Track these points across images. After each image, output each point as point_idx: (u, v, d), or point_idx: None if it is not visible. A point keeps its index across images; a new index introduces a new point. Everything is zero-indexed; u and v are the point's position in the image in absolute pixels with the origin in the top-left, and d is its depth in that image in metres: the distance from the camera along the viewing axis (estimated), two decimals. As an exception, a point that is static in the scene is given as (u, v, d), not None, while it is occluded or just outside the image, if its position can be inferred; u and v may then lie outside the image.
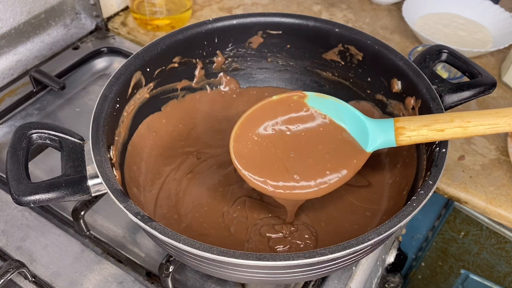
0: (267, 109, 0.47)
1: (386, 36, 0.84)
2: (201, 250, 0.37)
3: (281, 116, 0.47)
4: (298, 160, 0.47)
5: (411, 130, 0.43)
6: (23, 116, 0.69)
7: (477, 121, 0.40)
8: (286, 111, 0.47)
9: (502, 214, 0.61)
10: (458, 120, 0.41)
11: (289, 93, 0.47)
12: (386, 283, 0.66)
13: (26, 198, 0.40)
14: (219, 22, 0.59)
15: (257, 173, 0.47)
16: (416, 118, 0.43)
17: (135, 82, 0.54)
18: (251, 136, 0.48)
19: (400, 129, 0.43)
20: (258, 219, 0.52)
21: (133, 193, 0.51)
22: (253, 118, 0.47)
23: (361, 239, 0.38)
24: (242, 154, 0.47)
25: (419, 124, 0.42)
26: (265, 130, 0.48)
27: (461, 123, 0.41)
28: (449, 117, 0.41)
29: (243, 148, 0.47)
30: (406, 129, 0.43)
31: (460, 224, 0.71)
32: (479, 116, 0.41)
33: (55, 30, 0.80)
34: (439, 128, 0.42)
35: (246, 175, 0.47)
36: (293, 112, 0.46)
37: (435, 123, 0.42)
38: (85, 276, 0.52)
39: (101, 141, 0.45)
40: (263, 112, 0.47)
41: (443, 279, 0.81)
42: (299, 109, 0.46)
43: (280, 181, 0.47)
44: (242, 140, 0.47)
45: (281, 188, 0.47)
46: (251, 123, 0.48)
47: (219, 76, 0.64)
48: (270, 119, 0.47)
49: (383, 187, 0.55)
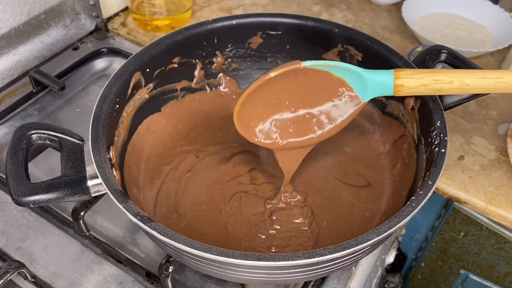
0: (267, 85, 0.46)
1: (385, 36, 0.84)
2: (200, 250, 0.37)
3: (282, 85, 0.47)
4: (299, 113, 0.48)
5: (410, 87, 0.43)
6: (23, 116, 0.69)
7: (476, 85, 0.41)
8: (286, 80, 0.46)
9: (501, 214, 0.61)
10: (457, 83, 0.41)
11: (285, 66, 0.45)
12: (385, 283, 0.66)
13: (25, 198, 0.40)
14: (218, 23, 0.59)
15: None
16: (416, 76, 0.42)
17: (134, 82, 0.54)
18: (255, 108, 0.48)
19: (399, 86, 0.43)
20: (252, 215, 0.52)
21: (132, 194, 0.51)
22: (253, 96, 0.47)
23: (360, 239, 0.38)
24: (245, 119, 0.48)
25: (418, 84, 0.42)
26: (268, 102, 0.48)
27: (459, 85, 0.41)
28: (449, 78, 0.41)
29: (248, 119, 0.48)
30: (405, 86, 0.43)
31: (460, 224, 0.71)
32: (479, 80, 0.41)
33: (55, 30, 0.80)
34: (438, 89, 0.42)
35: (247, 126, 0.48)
36: (292, 77, 0.46)
37: (435, 84, 0.42)
38: (84, 276, 0.52)
39: (101, 142, 0.45)
40: (263, 89, 0.46)
41: (443, 279, 0.81)
42: (298, 74, 0.46)
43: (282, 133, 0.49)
44: (246, 112, 0.48)
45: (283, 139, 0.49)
46: (252, 101, 0.47)
47: (219, 76, 0.64)
48: (272, 93, 0.47)
49: (382, 187, 0.56)
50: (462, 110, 0.71)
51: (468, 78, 0.41)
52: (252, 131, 0.49)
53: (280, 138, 0.49)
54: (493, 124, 0.70)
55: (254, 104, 0.47)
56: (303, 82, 0.46)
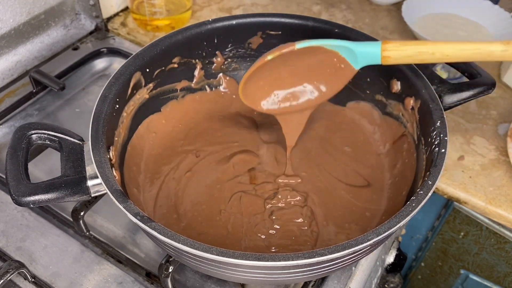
0: (265, 66, 0.51)
1: (385, 36, 0.84)
2: (200, 250, 0.37)
3: (280, 64, 0.51)
4: (298, 84, 0.53)
5: (396, 58, 0.47)
6: (23, 116, 0.69)
7: (455, 55, 0.45)
8: (283, 59, 0.51)
9: (501, 214, 0.61)
10: (439, 54, 0.45)
11: (281, 49, 0.50)
12: (385, 283, 0.66)
13: (25, 198, 0.40)
14: (218, 23, 0.59)
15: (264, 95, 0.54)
16: (402, 48, 0.46)
17: (134, 82, 0.54)
18: (257, 85, 0.53)
19: (386, 57, 0.47)
20: (252, 215, 0.52)
21: (132, 194, 0.51)
22: (254, 76, 0.51)
23: (360, 239, 0.38)
24: (249, 94, 0.53)
25: (404, 55, 0.47)
26: (268, 78, 0.52)
27: (441, 56, 0.45)
28: (431, 50, 0.45)
29: (251, 94, 0.53)
30: (392, 58, 0.47)
31: (460, 224, 0.71)
32: (458, 51, 0.45)
33: (54, 30, 0.80)
34: (421, 59, 0.46)
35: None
36: (288, 57, 0.50)
37: (418, 55, 0.46)
38: (84, 276, 0.52)
39: (101, 142, 0.45)
40: (263, 69, 0.51)
41: (443, 279, 0.81)
42: (293, 53, 0.50)
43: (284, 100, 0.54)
44: (250, 88, 0.52)
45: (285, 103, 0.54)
46: (253, 80, 0.52)
47: (219, 76, 0.64)
48: (272, 71, 0.52)
49: (382, 187, 0.56)
50: (462, 110, 0.71)
51: (448, 49, 0.45)
52: (257, 102, 0.54)
53: (282, 104, 0.54)
54: (493, 124, 0.70)
55: (256, 81, 0.52)
56: (299, 58, 0.51)
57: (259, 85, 0.53)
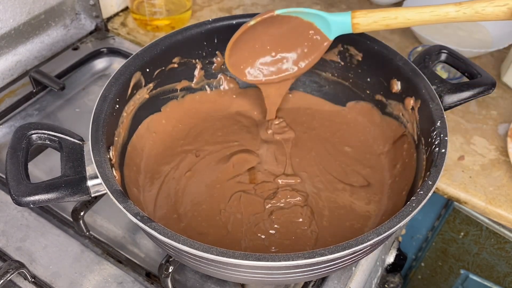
0: (249, 32, 0.55)
1: (385, 36, 0.84)
2: (200, 250, 0.37)
3: (262, 32, 0.55)
4: (278, 55, 0.58)
5: (364, 25, 0.51)
6: (23, 116, 0.69)
7: (415, 19, 0.48)
8: (265, 26, 0.55)
9: (501, 214, 0.61)
10: (401, 18, 0.49)
11: (262, 15, 0.53)
12: (386, 283, 0.66)
13: (25, 198, 0.40)
14: (218, 23, 0.59)
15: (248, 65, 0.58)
16: (369, 15, 0.50)
17: (134, 82, 0.54)
18: (242, 54, 0.57)
19: (356, 24, 0.51)
20: (252, 215, 0.52)
21: (132, 194, 0.51)
22: (239, 43, 0.55)
23: (360, 239, 0.38)
24: (235, 63, 0.58)
25: (370, 21, 0.50)
26: (252, 47, 0.57)
27: (403, 20, 0.49)
28: (394, 15, 0.49)
29: (237, 63, 0.57)
30: (361, 24, 0.51)
31: (460, 224, 0.71)
32: (417, 15, 0.48)
33: (54, 30, 0.80)
34: (386, 24, 0.50)
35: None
36: (269, 24, 0.54)
37: (383, 21, 0.50)
38: (84, 276, 0.52)
39: (101, 142, 0.45)
40: (247, 35, 0.55)
41: (443, 279, 0.81)
42: (274, 21, 0.54)
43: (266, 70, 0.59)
44: (235, 56, 0.57)
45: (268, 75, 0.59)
46: (238, 47, 0.56)
47: (219, 76, 0.64)
48: (255, 39, 0.56)
49: (382, 188, 0.56)
50: (462, 110, 0.71)
51: (408, 13, 0.49)
52: (242, 72, 0.58)
53: (264, 76, 0.58)
54: (493, 124, 0.70)
55: (241, 49, 0.56)
56: (279, 28, 0.55)
57: (244, 55, 0.57)
